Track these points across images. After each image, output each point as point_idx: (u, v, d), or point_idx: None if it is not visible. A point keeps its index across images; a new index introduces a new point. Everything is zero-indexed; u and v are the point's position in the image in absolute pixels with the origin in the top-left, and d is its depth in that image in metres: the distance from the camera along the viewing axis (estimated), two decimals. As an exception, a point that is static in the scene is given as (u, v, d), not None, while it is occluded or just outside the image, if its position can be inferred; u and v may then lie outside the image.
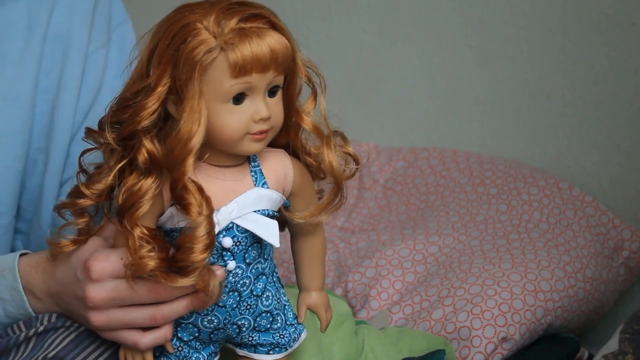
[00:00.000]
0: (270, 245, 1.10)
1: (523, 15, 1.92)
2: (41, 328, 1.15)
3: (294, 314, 1.15)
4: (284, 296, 1.14)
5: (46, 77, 1.28)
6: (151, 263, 1.03)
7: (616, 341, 1.31)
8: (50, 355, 1.12)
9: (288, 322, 1.14)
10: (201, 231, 1.02)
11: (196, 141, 1.01)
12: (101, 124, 1.08)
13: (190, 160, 1.02)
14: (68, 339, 1.14)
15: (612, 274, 1.75)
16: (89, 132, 1.10)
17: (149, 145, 1.03)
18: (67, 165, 1.31)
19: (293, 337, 1.14)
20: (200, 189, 1.03)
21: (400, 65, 2.05)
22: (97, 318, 1.09)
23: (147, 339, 1.09)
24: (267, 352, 1.13)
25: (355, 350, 1.40)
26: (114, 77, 1.33)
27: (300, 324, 1.15)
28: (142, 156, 1.03)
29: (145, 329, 1.10)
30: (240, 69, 1.01)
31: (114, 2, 1.37)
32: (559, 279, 1.62)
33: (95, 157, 1.13)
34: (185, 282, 1.03)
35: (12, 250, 1.32)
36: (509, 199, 1.81)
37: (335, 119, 1.13)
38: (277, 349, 1.14)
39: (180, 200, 1.03)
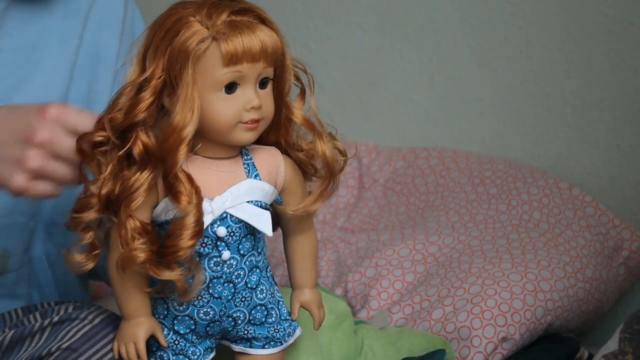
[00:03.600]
0: (264, 240, 1.13)
1: (523, 15, 1.92)
2: (56, 318, 1.17)
3: (288, 311, 1.17)
4: (278, 292, 1.17)
5: (76, 89, 1.32)
6: (142, 255, 1.06)
7: (616, 341, 1.31)
8: (64, 346, 1.13)
9: (282, 317, 1.16)
10: (190, 219, 1.05)
11: (189, 130, 1.05)
12: (100, 121, 1.09)
13: (183, 149, 1.05)
14: (82, 331, 1.15)
15: (612, 273, 1.75)
16: (85, 135, 1.11)
17: (144, 137, 1.06)
18: None
19: (288, 331, 1.16)
20: (190, 179, 1.07)
21: (400, 65, 2.05)
22: (33, 160, 1.08)
23: (37, 185, 1.09)
24: (263, 346, 1.15)
25: (355, 350, 1.41)
26: None
27: (294, 320, 1.17)
28: (138, 148, 1.06)
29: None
30: (231, 58, 1.05)
31: (136, 19, 1.42)
32: (558, 279, 1.62)
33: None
34: (173, 275, 1.06)
35: (29, 249, 1.33)
36: (509, 198, 1.81)
37: (325, 116, 1.16)
38: (272, 343, 1.15)
39: (171, 189, 1.06)
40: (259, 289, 1.13)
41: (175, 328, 1.13)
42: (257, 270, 1.13)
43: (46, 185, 1.10)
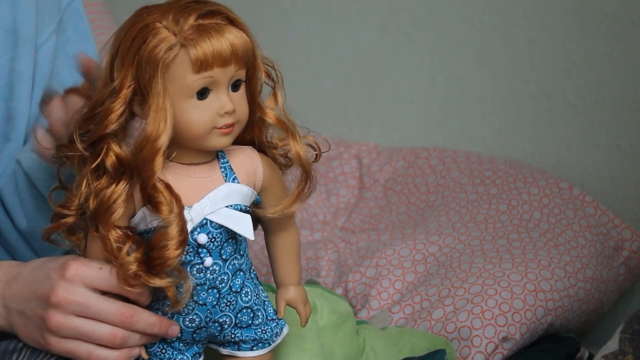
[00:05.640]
0: (246, 241, 1.12)
1: (523, 15, 1.92)
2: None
3: (274, 310, 1.16)
4: (263, 292, 1.16)
5: None
6: (133, 265, 1.04)
7: (616, 341, 1.30)
8: None
9: (269, 318, 1.15)
10: (174, 229, 1.04)
11: (164, 139, 1.03)
12: (70, 135, 1.08)
13: (159, 159, 1.03)
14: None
15: (612, 273, 1.75)
16: (60, 147, 1.10)
17: (116, 148, 1.05)
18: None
19: (275, 331, 1.15)
20: (169, 188, 1.05)
21: (400, 65, 2.05)
22: (57, 318, 1.06)
23: (103, 352, 1.07)
24: (251, 348, 1.14)
25: (356, 350, 1.40)
26: (70, 56, 1.32)
27: (280, 319, 1.16)
28: (111, 159, 1.05)
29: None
30: (201, 64, 1.03)
31: None
32: (559, 279, 1.62)
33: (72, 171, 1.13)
34: (162, 282, 1.05)
35: None
36: (509, 198, 1.81)
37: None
38: (260, 344, 1.14)
39: (150, 200, 1.05)
40: (244, 291, 1.13)
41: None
42: (241, 273, 1.12)
43: (80, 344, 1.07)
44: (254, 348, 1.14)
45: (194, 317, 1.10)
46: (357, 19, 2.08)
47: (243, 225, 1.08)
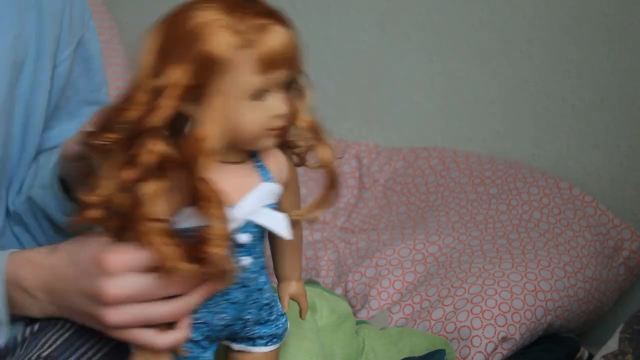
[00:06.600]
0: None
1: (523, 16, 1.92)
2: (37, 326, 1.13)
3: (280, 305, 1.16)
4: (273, 288, 1.16)
5: (20, 77, 1.25)
6: (179, 262, 1.01)
7: (616, 341, 1.30)
8: (44, 354, 1.10)
9: (279, 313, 1.15)
10: (219, 227, 1.01)
11: (218, 140, 1.00)
12: (103, 123, 1.06)
13: (210, 160, 1.00)
14: (62, 338, 1.11)
15: (612, 273, 1.75)
16: (89, 134, 1.06)
17: (161, 146, 1.01)
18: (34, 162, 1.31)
19: (285, 327, 1.15)
20: (216, 187, 1.03)
21: (400, 65, 2.05)
22: (114, 316, 1.02)
23: (165, 339, 1.04)
24: (266, 344, 1.14)
25: (356, 350, 1.40)
26: (78, 75, 1.32)
27: (285, 313, 1.16)
28: (152, 156, 1.01)
29: (161, 327, 1.05)
30: (267, 65, 1.00)
31: (77, 2, 1.34)
32: (559, 279, 1.62)
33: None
34: (208, 270, 1.02)
35: None
36: (509, 198, 1.81)
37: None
38: (275, 339, 1.15)
39: (198, 199, 1.02)
40: (265, 288, 1.13)
41: (191, 336, 1.12)
42: (264, 271, 1.12)
43: (141, 331, 1.04)
44: (269, 343, 1.14)
45: (224, 315, 1.10)
46: (357, 19, 2.08)
47: (281, 225, 1.07)
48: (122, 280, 1.02)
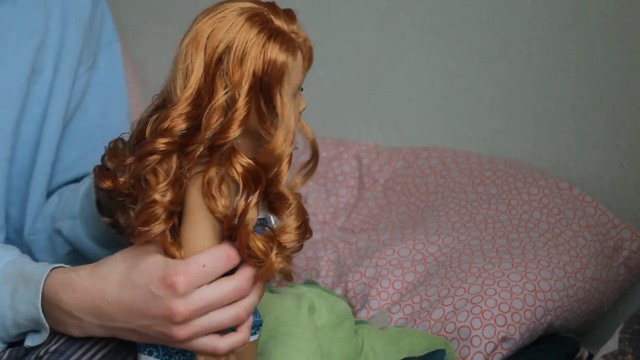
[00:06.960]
0: None
1: (522, 15, 1.92)
2: None
3: None
4: None
5: (37, 84, 1.27)
6: (281, 264, 1.04)
7: (616, 341, 1.30)
8: (51, 349, 1.11)
9: None
10: (295, 220, 1.05)
11: (291, 147, 1.02)
12: (164, 130, 1.02)
13: (287, 167, 1.03)
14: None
15: (612, 273, 1.75)
16: (158, 133, 1.03)
17: (243, 159, 1.01)
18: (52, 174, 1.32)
19: (261, 317, 1.16)
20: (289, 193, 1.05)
21: (400, 65, 2.05)
22: (184, 332, 1.04)
23: (227, 342, 1.06)
24: (254, 333, 1.14)
25: (355, 350, 1.40)
26: (96, 95, 1.34)
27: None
28: (240, 168, 1.01)
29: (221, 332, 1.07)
30: (309, 63, 1.06)
31: (106, 21, 1.36)
32: (558, 279, 1.62)
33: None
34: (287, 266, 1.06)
35: None
36: (509, 198, 1.81)
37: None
38: (259, 327, 1.15)
39: (276, 204, 1.04)
40: None
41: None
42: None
43: (207, 339, 1.06)
44: (256, 332, 1.15)
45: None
46: (356, 18, 2.08)
47: None
48: (190, 297, 1.03)
